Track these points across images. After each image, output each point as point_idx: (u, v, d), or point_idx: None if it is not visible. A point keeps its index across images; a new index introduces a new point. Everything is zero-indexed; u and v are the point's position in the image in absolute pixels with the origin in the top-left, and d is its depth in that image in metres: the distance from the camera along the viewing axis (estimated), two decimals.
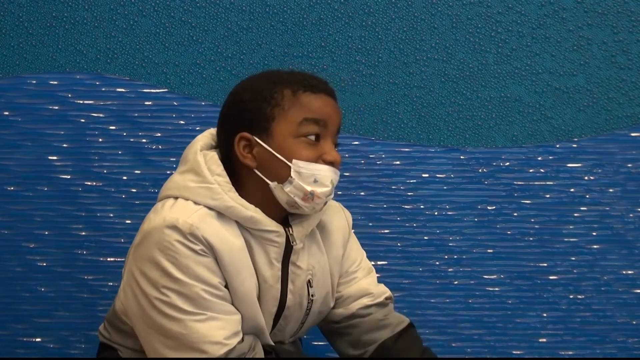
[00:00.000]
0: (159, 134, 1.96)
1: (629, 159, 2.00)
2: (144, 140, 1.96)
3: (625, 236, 2.01)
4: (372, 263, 1.71)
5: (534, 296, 2.01)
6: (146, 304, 1.37)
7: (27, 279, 1.96)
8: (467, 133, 1.99)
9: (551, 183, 2.00)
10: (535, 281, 2.00)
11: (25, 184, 1.95)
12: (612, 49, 1.98)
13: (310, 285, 1.52)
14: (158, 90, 1.96)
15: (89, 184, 1.96)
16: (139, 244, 1.40)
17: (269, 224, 1.44)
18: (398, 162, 1.99)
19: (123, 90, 1.96)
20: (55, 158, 1.95)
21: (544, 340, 2.01)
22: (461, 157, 1.99)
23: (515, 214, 2.00)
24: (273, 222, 1.44)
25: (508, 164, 2.00)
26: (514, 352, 2.00)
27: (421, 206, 1.99)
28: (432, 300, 2.00)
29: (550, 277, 2.00)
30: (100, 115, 1.95)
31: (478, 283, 2.00)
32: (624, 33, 1.98)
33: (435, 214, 1.99)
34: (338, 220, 1.63)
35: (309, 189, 1.42)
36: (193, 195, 1.41)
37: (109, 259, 1.96)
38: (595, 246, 2.01)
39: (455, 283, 2.00)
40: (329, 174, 1.44)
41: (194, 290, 1.36)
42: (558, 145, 2.00)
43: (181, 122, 1.96)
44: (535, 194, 2.00)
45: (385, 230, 1.99)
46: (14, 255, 1.96)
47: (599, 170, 2.00)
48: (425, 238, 2.00)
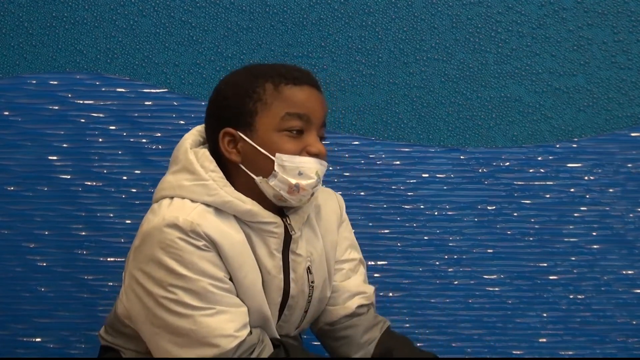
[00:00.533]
0: (159, 134, 1.96)
1: (629, 159, 2.00)
2: (144, 140, 1.96)
3: (625, 236, 2.01)
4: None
5: (534, 296, 2.00)
6: (152, 304, 1.37)
7: (27, 279, 1.96)
8: (467, 133, 1.99)
9: (551, 183, 2.00)
10: (535, 281, 2.00)
11: (25, 184, 1.95)
12: (612, 49, 1.98)
13: (309, 272, 1.52)
14: (158, 90, 1.96)
15: (89, 184, 1.96)
16: (139, 245, 1.40)
17: (267, 216, 1.44)
18: (398, 162, 1.99)
19: (123, 90, 1.96)
20: (55, 158, 1.95)
21: (544, 340, 2.01)
22: (461, 157, 1.99)
23: (515, 214, 2.00)
24: (270, 214, 1.44)
25: (508, 164, 2.00)
26: (514, 352, 2.01)
27: (421, 206, 1.99)
28: (432, 300, 2.00)
29: (550, 277, 2.00)
30: (100, 115, 1.95)
31: (478, 283, 2.00)
32: (624, 33, 1.98)
33: (435, 214, 1.99)
34: (331, 205, 1.63)
35: (293, 181, 1.42)
36: (189, 193, 1.41)
37: (109, 259, 1.96)
38: (595, 246, 2.01)
39: (455, 283, 2.00)
40: (313, 165, 1.43)
41: (201, 285, 1.35)
42: (558, 145, 2.00)
43: (181, 122, 1.96)
44: (535, 194, 2.00)
45: (385, 230, 1.99)
46: (14, 255, 1.96)
47: (599, 170, 2.00)
48: (425, 238, 2.00)
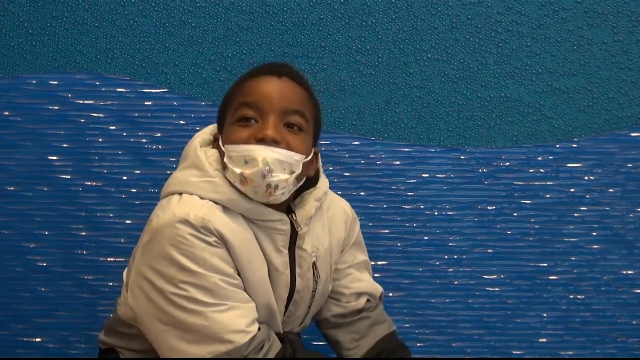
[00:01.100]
0: (159, 134, 1.96)
1: (629, 159, 2.00)
2: (144, 140, 1.96)
3: (625, 236, 2.01)
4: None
5: (534, 296, 2.01)
6: (162, 301, 1.36)
7: (27, 279, 1.96)
8: (467, 133, 1.99)
9: (551, 183, 2.00)
10: (535, 281, 2.00)
11: (25, 184, 1.95)
12: (612, 49, 1.98)
13: (315, 267, 1.53)
14: (158, 90, 1.96)
15: (89, 184, 1.96)
16: (149, 242, 1.39)
17: (273, 214, 1.44)
18: (398, 162, 1.99)
19: (123, 90, 1.95)
20: (55, 158, 1.95)
21: (544, 340, 2.01)
22: (461, 157, 1.99)
23: (515, 214, 2.00)
24: (275, 211, 1.45)
25: (508, 164, 1.99)
26: (514, 352, 2.01)
27: (421, 206, 1.99)
28: (432, 300, 2.00)
29: (550, 277, 2.00)
30: (100, 115, 1.95)
31: (478, 283, 2.00)
32: (624, 33, 1.98)
33: (435, 214, 1.99)
34: (340, 204, 1.66)
35: (238, 171, 1.39)
36: (196, 189, 1.41)
37: (109, 259, 1.96)
38: (595, 246, 2.01)
39: (455, 283, 2.00)
40: (258, 152, 1.38)
41: (212, 281, 1.35)
42: (558, 145, 2.00)
43: (181, 122, 1.96)
44: (535, 194, 2.00)
45: (385, 230, 1.99)
46: (14, 255, 1.95)
47: (599, 170, 2.00)
48: (425, 238, 2.00)
